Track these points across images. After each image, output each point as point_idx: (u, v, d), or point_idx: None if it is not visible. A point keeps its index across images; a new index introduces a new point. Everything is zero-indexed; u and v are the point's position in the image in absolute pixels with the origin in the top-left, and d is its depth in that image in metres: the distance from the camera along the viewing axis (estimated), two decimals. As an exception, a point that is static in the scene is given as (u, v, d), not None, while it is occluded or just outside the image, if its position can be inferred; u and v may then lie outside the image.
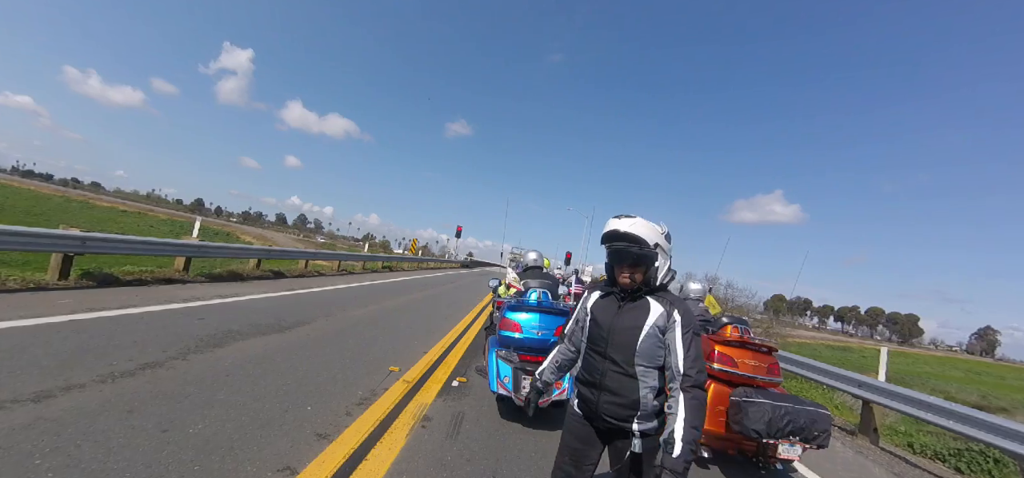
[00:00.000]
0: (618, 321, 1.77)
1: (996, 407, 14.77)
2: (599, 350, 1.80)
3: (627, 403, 1.72)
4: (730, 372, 3.78)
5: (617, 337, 1.75)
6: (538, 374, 2.16)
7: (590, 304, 1.90)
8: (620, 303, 1.81)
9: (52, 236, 6.37)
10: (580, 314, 1.97)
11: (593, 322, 1.85)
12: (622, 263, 1.76)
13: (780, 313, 25.60)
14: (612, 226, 1.77)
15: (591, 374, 1.82)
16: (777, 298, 37.49)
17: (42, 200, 32.81)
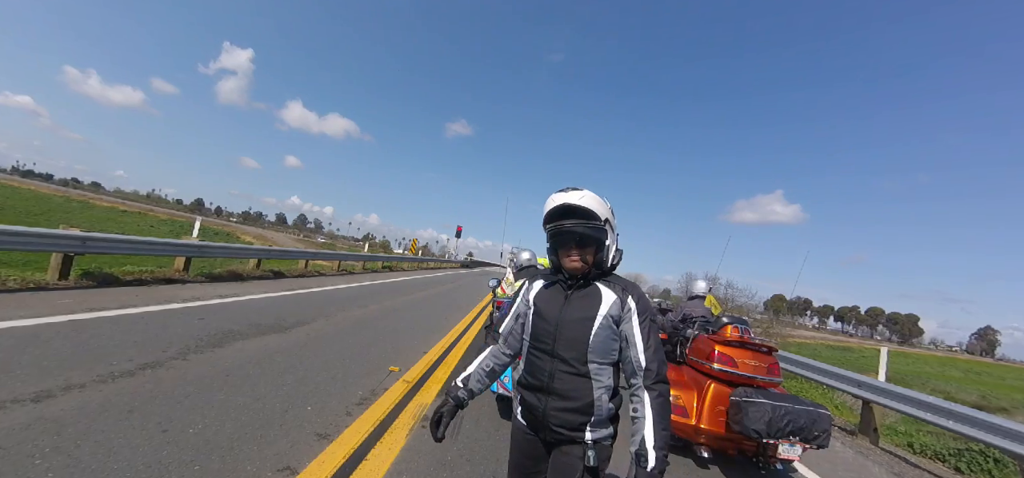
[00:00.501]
0: (567, 313, 1.52)
1: (996, 407, 14.77)
2: (545, 348, 1.53)
3: (580, 407, 1.48)
4: (730, 372, 3.77)
5: (566, 331, 1.50)
6: (462, 381, 1.68)
7: (532, 296, 1.64)
8: (567, 292, 1.56)
9: (52, 236, 6.37)
10: (520, 308, 1.69)
11: (537, 316, 1.58)
12: (571, 244, 1.52)
13: (780, 313, 25.58)
14: (560, 200, 1.52)
15: (537, 377, 1.55)
16: (777, 298, 37.48)
17: (42, 200, 32.80)
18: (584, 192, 1.52)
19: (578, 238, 1.51)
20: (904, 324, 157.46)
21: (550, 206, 1.54)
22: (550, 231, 1.55)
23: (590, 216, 1.50)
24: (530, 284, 1.68)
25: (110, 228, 20.25)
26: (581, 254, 1.52)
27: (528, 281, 1.70)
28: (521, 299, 1.69)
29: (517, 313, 1.70)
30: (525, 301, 1.66)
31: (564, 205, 1.51)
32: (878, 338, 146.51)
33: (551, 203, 1.54)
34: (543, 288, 1.63)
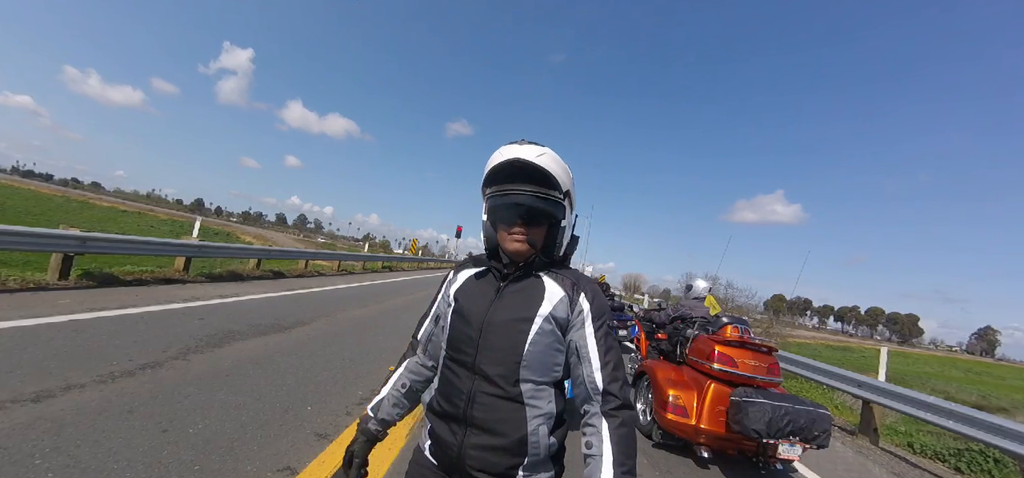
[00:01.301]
0: (495, 312, 1.10)
1: (996, 407, 14.77)
2: (464, 360, 1.10)
3: (509, 445, 1.04)
4: (730, 372, 3.78)
5: (493, 337, 1.08)
6: (371, 410, 1.28)
7: (454, 289, 1.21)
8: (500, 284, 1.15)
9: (52, 236, 6.37)
10: (441, 307, 1.26)
11: (457, 316, 1.15)
12: (517, 217, 1.11)
13: (780, 313, 25.57)
14: (512, 155, 1.10)
15: (451, 401, 1.11)
16: (777, 298, 37.47)
17: (42, 200, 32.81)
18: (545, 150, 1.12)
19: (528, 211, 1.10)
20: (904, 324, 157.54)
21: (497, 161, 1.11)
22: (492, 197, 1.14)
23: (549, 183, 1.11)
24: (455, 273, 1.26)
25: (110, 228, 20.24)
26: (528, 233, 1.11)
27: (453, 270, 1.28)
28: (442, 294, 1.26)
29: (437, 312, 1.27)
30: (446, 296, 1.23)
31: (517, 162, 1.09)
32: (878, 338, 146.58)
33: (498, 158, 1.11)
34: (471, 278, 1.20)
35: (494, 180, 1.14)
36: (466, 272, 1.23)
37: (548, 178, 1.11)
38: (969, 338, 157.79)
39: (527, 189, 1.10)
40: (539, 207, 1.10)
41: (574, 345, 1.10)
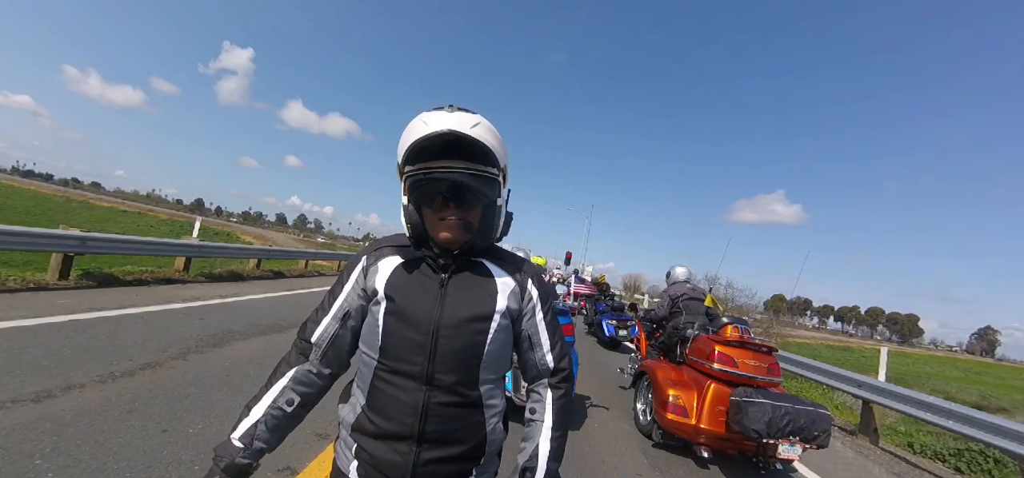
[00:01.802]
0: (448, 313, 0.97)
1: (996, 407, 14.77)
2: (412, 371, 0.95)
3: (467, 451, 0.98)
4: (730, 372, 3.78)
5: (449, 342, 0.96)
6: (239, 439, 0.97)
7: (381, 282, 1.01)
8: (441, 276, 1.00)
9: (52, 236, 6.37)
10: (352, 302, 1.04)
11: (395, 318, 0.97)
12: (449, 199, 0.96)
13: (780, 313, 25.58)
14: (443, 124, 0.93)
15: (393, 418, 0.95)
16: (777, 298, 37.48)
17: (42, 200, 32.82)
18: (478, 118, 0.96)
19: (462, 192, 0.95)
20: (904, 324, 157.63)
21: (422, 133, 0.93)
22: (415, 176, 0.96)
23: (486, 159, 0.97)
24: (371, 260, 1.05)
25: (110, 228, 20.25)
26: (461, 218, 0.97)
27: (366, 255, 1.08)
28: (353, 285, 1.05)
29: (344, 310, 1.04)
30: (365, 290, 1.03)
31: (450, 135, 0.92)
32: (878, 338, 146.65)
33: (423, 128, 0.94)
34: (399, 269, 1.02)
35: (418, 156, 0.95)
36: (389, 260, 1.03)
37: (485, 152, 0.96)
38: (969, 338, 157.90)
39: (460, 166, 0.93)
40: (476, 187, 0.95)
41: (526, 333, 1.07)
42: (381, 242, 1.11)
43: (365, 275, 1.04)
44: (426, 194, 0.97)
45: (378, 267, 1.03)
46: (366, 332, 1.01)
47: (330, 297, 1.06)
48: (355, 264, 1.07)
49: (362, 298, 1.04)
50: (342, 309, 1.04)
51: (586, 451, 3.69)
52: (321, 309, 1.06)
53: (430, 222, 0.99)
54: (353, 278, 1.05)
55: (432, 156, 0.94)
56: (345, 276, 1.06)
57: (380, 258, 1.04)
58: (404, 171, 0.99)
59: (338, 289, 1.06)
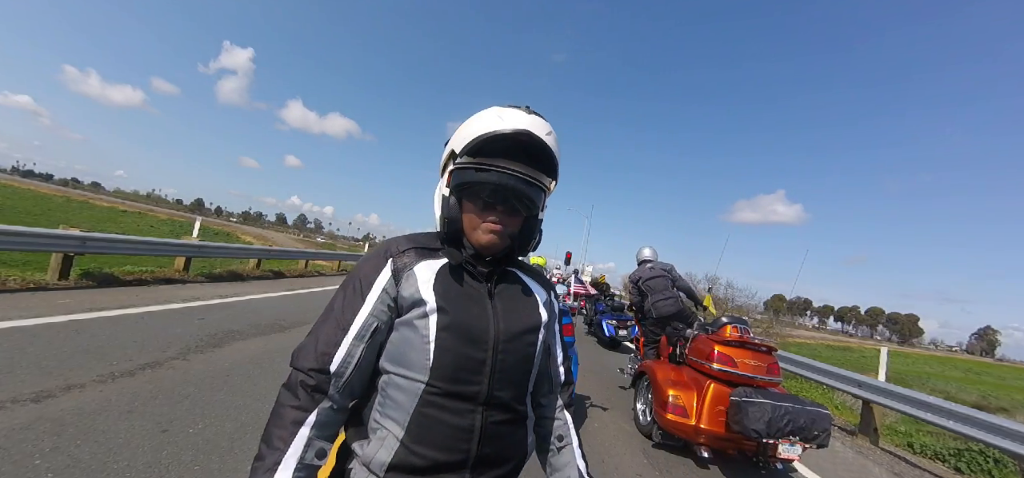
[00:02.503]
0: (504, 323, 0.90)
1: (996, 407, 14.77)
2: (467, 391, 0.85)
3: (513, 467, 0.93)
4: (730, 372, 3.78)
5: (507, 356, 0.89)
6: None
7: (425, 290, 0.88)
8: (487, 285, 0.93)
9: (52, 236, 6.37)
10: (378, 314, 0.88)
11: (449, 332, 0.85)
12: (500, 202, 0.90)
13: (780, 313, 25.58)
14: (521, 123, 0.88)
15: (445, 447, 0.83)
16: (777, 298, 37.49)
17: (42, 200, 32.82)
18: (551, 128, 0.92)
19: (516, 197, 0.89)
20: (904, 324, 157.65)
21: (494, 128, 0.87)
22: (469, 169, 0.89)
23: (548, 168, 0.93)
24: (399, 263, 0.90)
25: (110, 228, 20.26)
26: (506, 224, 0.91)
27: (391, 257, 0.91)
28: (380, 295, 0.88)
29: (373, 325, 0.87)
30: (393, 300, 0.88)
31: (524, 136, 0.87)
32: (878, 338, 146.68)
33: (497, 124, 0.87)
34: (441, 274, 0.90)
35: (481, 149, 0.88)
36: (426, 265, 0.90)
37: (550, 163, 0.92)
38: (969, 338, 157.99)
39: (521, 171, 0.89)
40: (528, 195, 0.91)
41: (547, 344, 1.03)
42: (401, 242, 0.95)
43: (397, 281, 0.89)
44: (475, 191, 0.90)
45: (414, 272, 0.89)
46: (402, 349, 0.86)
47: (346, 311, 0.87)
48: (377, 268, 0.89)
49: (392, 310, 0.88)
50: (368, 325, 0.86)
51: (586, 451, 3.66)
52: (335, 327, 0.85)
53: (470, 222, 0.92)
54: (379, 285, 0.88)
55: (495, 153, 0.88)
56: (364, 284, 0.88)
57: (413, 262, 0.90)
58: (457, 161, 0.91)
59: (356, 300, 0.87)
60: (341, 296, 0.89)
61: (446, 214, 0.91)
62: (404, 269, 0.90)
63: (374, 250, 0.95)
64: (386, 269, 0.90)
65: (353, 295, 0.88)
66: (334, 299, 0.90)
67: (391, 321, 0.89)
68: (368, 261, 0.92)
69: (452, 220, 0.91)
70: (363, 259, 0.94)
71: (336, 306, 0.89)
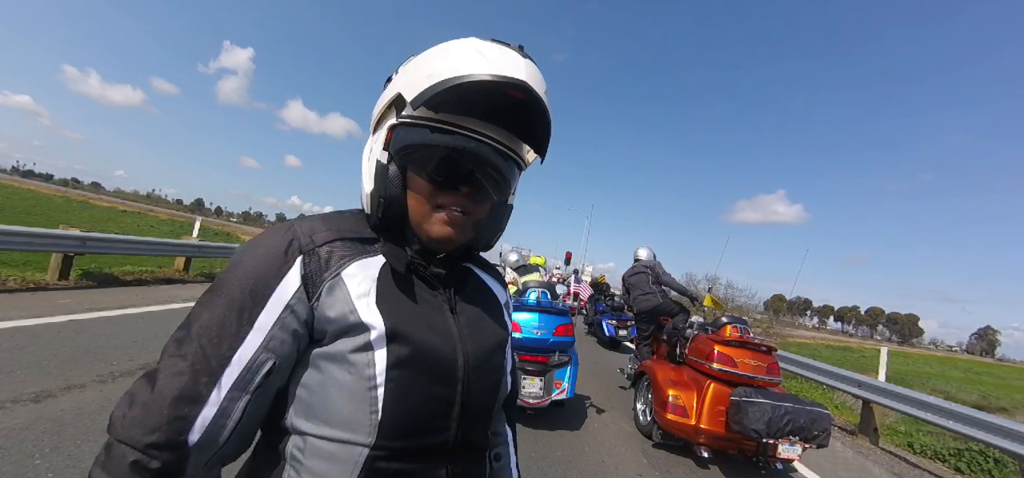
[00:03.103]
0: (473, 343, 0.66)
1: (996, 407, 14.77)
2: (434, 443, 0.61)
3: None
4: (730, 372, 3.78)
5: (478, 382, 0.65)
6: None
7: (364, 308, 0.58)
8: (445, 291, 0.68)
9: (52, 236, 6.38)
10: (275, 347, 0.55)
11: (406, 370, 0.58)
12: (465, 182, 0.63)
13: (780, 313, 25.59)
14: (514, 71, 0.58)
15: None
16: (777, 298, 37.51)
17: (42, 200, 32.84)
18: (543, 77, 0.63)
19: (486, 176, 0.64)
20: (904, 324, 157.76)
21: (478, 73, 0.57)
22: (435, 135, 0.61)
23: (541, 139, 0.66)
24: (311, 265, 0.58)
25: (110, 228, 20.25)
26: (470, 210, 0.65)
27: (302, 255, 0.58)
28: (280, 317, 0.55)
29: (265, 365, 0.54)
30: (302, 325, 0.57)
31: (516, 87, 0.58)
32: (878, 338, 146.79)
33: (483, 65, 0.58)
34: (384, 283, 0.61)
35: (445, 102, 0.58)
36: (361, 265, 0.61)
37: (544, 131, 0.64)
38: (969, 338, 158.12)
39: (503, 139, 0.63)
40: (504, 175, 0.66)
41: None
42: (315, 227, 0.61)
43: (312, 292, 0.57)
44: (429, 162, 0.61)
45: (342, 280, 0.58)
46: (326, 398, 0.56)
47: (216, 341, 0.52)
48: (275, 270, 0.56)
49: (299, 337, 0.57)
50: (258, 365, 0.53)
51: (586, 451, 3.69)
52: (195, 369, 0.51)
53: (418, 205, 0.63)
54: (280, 299, 0.55)
55: (466, 108, 0.60)
56: (250, 296, 0.54)
57: (340, 262, 0.59)
58: (406, 113, 0.61)
59: (236, 323, 0.53)
60: (206, 315, 0.53)
61: (384, 191, 0.62)
62: (324, 273, 0.58)
63: (267, 237, 0.59)
64: (292, 273, 0.56)
65: (230, 314, 0.53)
66: (192, 320, 0.53)
67: (297, 354, 0.57)
68: (255, 254, 0.57)
69: (393, 201, 0.62)
70: (245, 250, 0.58)
71: (197, 334, 0.52)
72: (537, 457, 3.35)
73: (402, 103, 0.62)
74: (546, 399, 3.86)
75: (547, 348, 3.96)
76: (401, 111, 0.63)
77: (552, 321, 4.03)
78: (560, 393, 3.92)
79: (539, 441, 3.65)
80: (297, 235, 0.59)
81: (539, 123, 0.64)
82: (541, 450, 3.48)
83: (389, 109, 0.65)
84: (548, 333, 3.97)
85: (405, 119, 0.62)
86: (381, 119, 0.67)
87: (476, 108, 0.61)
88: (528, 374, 3.85)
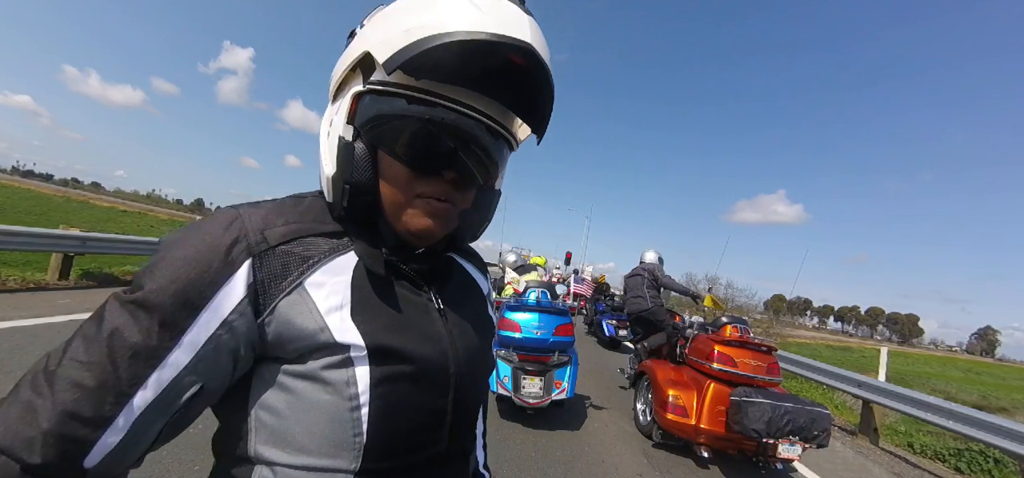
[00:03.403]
0: (463, 341, 0.58)
1: (996, 407, 14.77)
2: (423, 457, 0.54)
3: None
4: (730, 372, 3.78)
5: (469, 388, 0.58)
6: None
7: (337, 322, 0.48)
8: (426, 289, 0.58)
9: (52, 236, 6.38)
10: (202, 370, 0.44)
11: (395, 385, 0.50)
12: (454, 164, 0.51)
13: (780, 313, 25.61)
14: (517, 29, 0.47)
15: None
16: (777, 298, 37.52)
17: (42, 200, 32.85)
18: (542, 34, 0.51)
19: (476, 158, 0.53)
20: (904, 324, 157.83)
21: (473, 28, 0.45)
22: (413, 105, 0.49)
23: (541, 113, 0.55)
24: (263, 269, 0.47)
25: (110, 228, 20.25)
26: (456, 199, 0.55)
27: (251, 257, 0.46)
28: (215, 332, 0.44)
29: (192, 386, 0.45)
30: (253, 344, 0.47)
31: (517, 50, 0.47)
32: (878, 338, 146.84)
33: (476, 17, 0.46)
34: (361, 288, 0.52)
35: (429, 64, 0.46)
36: (331, 268, 0.51)
37: (547, 103, 0.54)
38: (969, 338, 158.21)
39: (495, 114, 0.53)
40: (494, 156, 0.56)
41: None
42: (270, 218, 0.50)
43: (263, 304, 0.47)
44: (407, 139, 0.50)
45: (306, 290, 0.48)
46: (297, 422, 0.47)
47: (130, 355, 0.41)
48: (211, 272, 0.44)
49: (241, 358, 0.47)
50: (176, 388, 0.44)
51: (586, 451, 3.69)
52: (101, 381, 0.41)
53: (392, 194, 0.52)
54: (217, 311, 0.44)
55: (453, 75, 0.48)
56: (173, 301, 0.43)
57: (304, 265, 0.49)
58: (376, 79, 0.50)
59: (156, 332, 0.42)
60: (123, 320, 0.42)
61: (350, 176, 0.51)
62: (281, 283, 0.48)
63: (204, 229, 0.47)
64: (235, 280, 0.45)
65: (152, 325, 0.42)
66: (106, 319, 0.42)
67: (233, 378, 0.48)
68: (187, 250, 0.45)
69: (361, 188, 0.51)
70: (176, 244, 0.46)
71: (110, 339, 0.41)
72: (537, 457, 3.35)
73: (371, 65, 0.50)
74: (546, 399, 3.86)
75: (547, 348, 3.96)
76: (370, 75, 0.51)
77: (552, 321, 4.03)
78: (560, 393, 3.91)
79: (539, 441, 3.65)
80: (246, 230, 0.47)
81: (541, 96, 0.53)
82: (541, 450, 3.48)
83: (354, 72, 0.53)
84: (548, 333, 3.97)
85: (375, 85, 0.50)
86: (343, 84, 0.55)
87: (467, 74, 0.49)
88: (528, 374, 3.85)
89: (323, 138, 0.56)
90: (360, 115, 0.51)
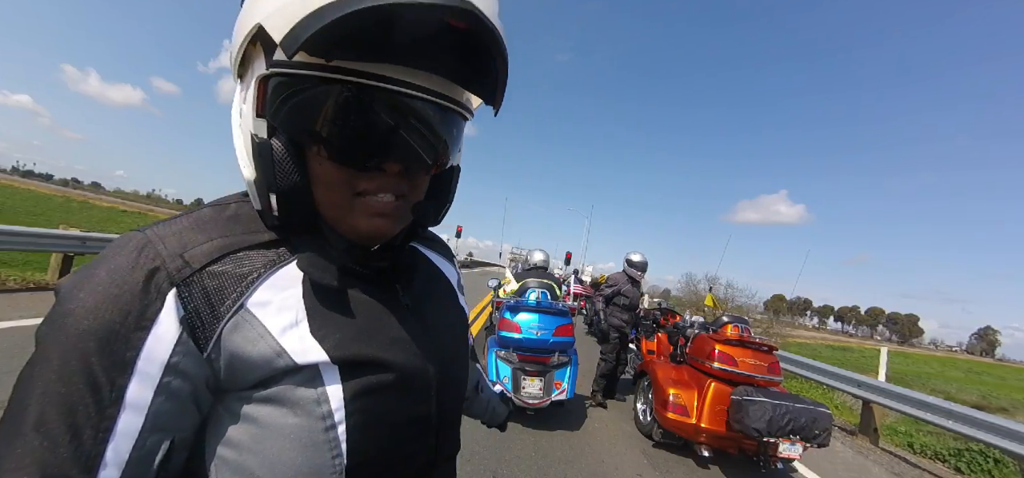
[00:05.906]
0: (439, 349, 0.54)
1: (996, 407, 14.77)
2: (409, 469, 0.50)
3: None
4: (730, 371, 3.78)
5: (450, 388, 0.55)
6: None
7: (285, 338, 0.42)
8: (397, 289, 0.53)
9: (52, 236, 6.38)
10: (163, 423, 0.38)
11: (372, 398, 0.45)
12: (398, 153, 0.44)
13: (780, 313, 25.60)
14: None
15: None
16: (777, 298, 37.56)
17: (42, 200, 32.87)
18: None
19: (424, 142, 0.46)
20: (904, 324, 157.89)
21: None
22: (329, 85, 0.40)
23: (492, 80, 0.45)
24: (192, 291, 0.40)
25: (110, 228, 20.25)
26: (406, 190, 0.47)
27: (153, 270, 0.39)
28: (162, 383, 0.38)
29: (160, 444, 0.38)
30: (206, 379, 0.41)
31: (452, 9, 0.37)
32: (878, 338, 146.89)
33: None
34: (320, 300, 0.45)
35: (336, 42, 0.37)
36: (272, 284, 0.44)
37: (498, 66, 0.45)
38: (969, 338, 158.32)
39: (440, 89, 0.44)
40: (447, 135, 0.49)
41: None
42: (190, 238, 0.43)
43: (204, 335, 0.40)
44: (339, 135, 0.42)
45: (248, 314, 0.42)
46: (267, 453, 0.41)
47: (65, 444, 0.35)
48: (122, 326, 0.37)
49: (198, 403, 0.42)
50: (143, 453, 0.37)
51: (586, 451, 3.69)
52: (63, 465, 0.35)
53: (329, 196, 0.45)
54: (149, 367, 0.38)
55: (384, 53, 0.40)
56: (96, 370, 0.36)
57: (238, 293, 0.42)
58: (279, 59, 0.40)
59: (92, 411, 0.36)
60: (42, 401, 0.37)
61: (273, 181, 0.43)
62: (218, 308, 0.41)
63: (106, 264, 0.40)
64: (163, 318, 0.39)
65: (81, 392, 0.36)
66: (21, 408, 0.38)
67: (202, 417, 0.43)
68: (93, 293, 0.38)
69: (291, 194, 0.43)
70: (77, 287, 0.39)
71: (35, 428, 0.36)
72: (537, 457, 3.35)
73: (266, 42, 0.40)
74: (546, 399, 3.86)
75: (547, 348, 3.96)
76: (273, 55, 0.40)
77: (552, 321, 4.03)
78: (560, 393, 3.91)
79: (539, 441, 3.64)
80: (161, 257, 0.40)
81: (490, 63, 0.43)
82: (541, 450, 3.48)
83: (254, 45, 0.42)
84: (548, 333, 3.97)
85: (279, 68, 0.40)
86: (245, 60, 0.45)
87: (392, 48, 0.39)
88: (528, 374, 3.85)
89: (235, 129, 0.47)
90: (270, 105, 0.42)
